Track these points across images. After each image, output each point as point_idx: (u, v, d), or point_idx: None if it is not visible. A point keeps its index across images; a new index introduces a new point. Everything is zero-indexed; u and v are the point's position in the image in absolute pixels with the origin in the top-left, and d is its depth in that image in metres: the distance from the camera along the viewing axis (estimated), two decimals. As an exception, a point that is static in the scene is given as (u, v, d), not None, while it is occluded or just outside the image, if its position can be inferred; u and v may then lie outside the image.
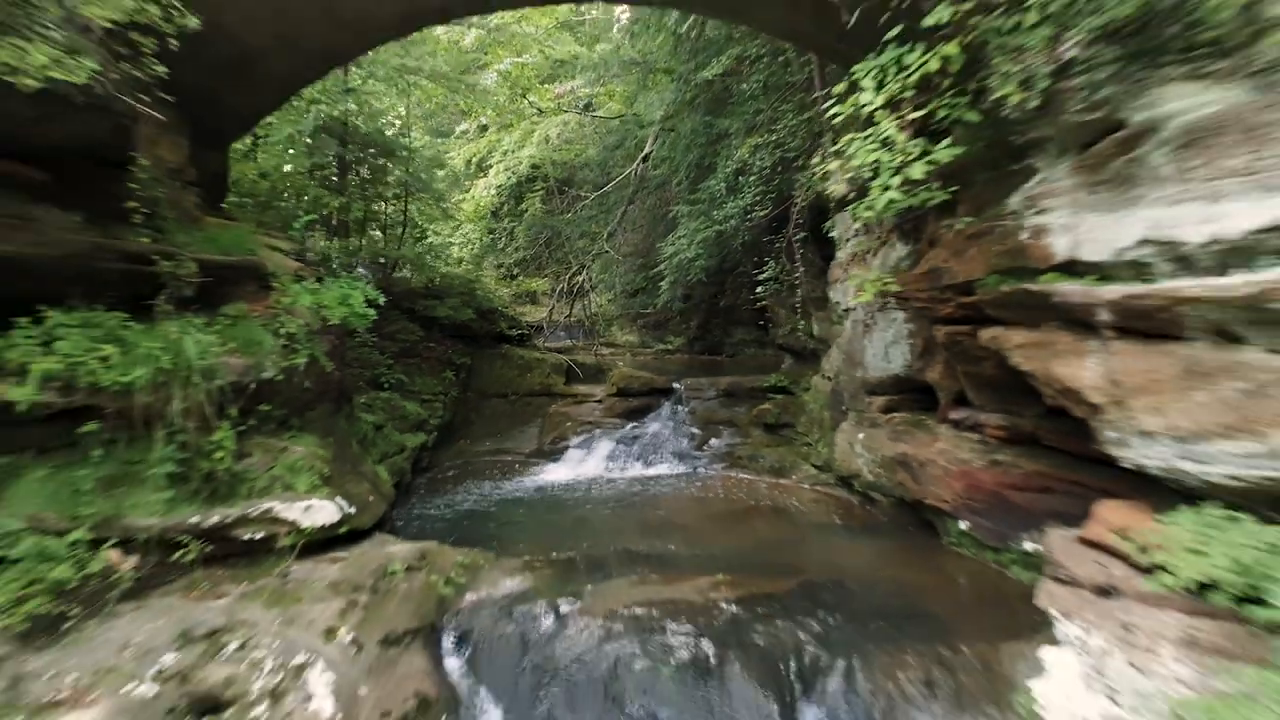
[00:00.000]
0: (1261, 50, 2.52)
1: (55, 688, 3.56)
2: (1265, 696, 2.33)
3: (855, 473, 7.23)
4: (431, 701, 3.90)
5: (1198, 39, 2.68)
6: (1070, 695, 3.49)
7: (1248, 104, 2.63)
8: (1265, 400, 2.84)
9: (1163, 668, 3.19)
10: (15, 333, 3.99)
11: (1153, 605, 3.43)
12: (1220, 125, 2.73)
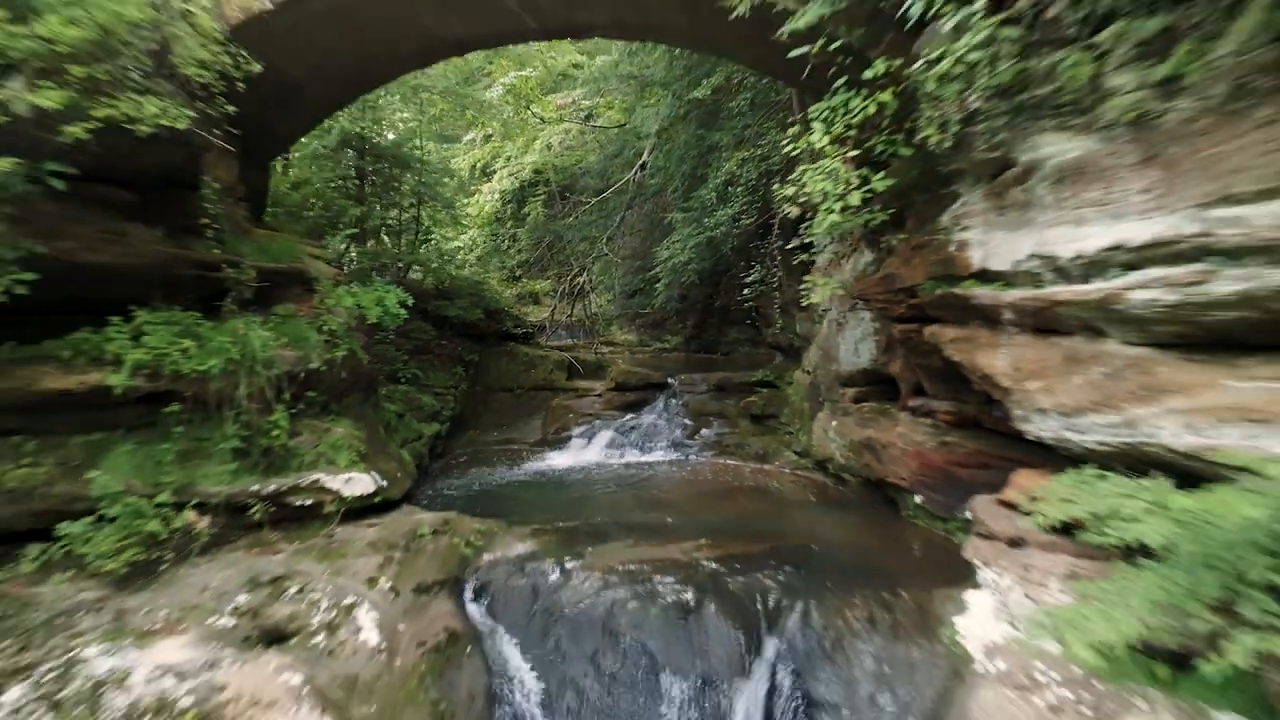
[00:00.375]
0: (1105, 111, 3.26)
1: (152, 620, 4.32)
2: (1098, 599, 3.09)
3: (829, 457, 8.00)
4: (458, 635, 4.66)
5: (1061, 100, 3.41)
6: (983, 625, 4.26)
7: (1098, 151, 3.37)
8: (1121, 381, 3.59)
9: (1050, 596, 3.96)
10: (110, 329, 4.75)
11: (1048, 550, 4.19)
12: (1081, 167, 3.47)
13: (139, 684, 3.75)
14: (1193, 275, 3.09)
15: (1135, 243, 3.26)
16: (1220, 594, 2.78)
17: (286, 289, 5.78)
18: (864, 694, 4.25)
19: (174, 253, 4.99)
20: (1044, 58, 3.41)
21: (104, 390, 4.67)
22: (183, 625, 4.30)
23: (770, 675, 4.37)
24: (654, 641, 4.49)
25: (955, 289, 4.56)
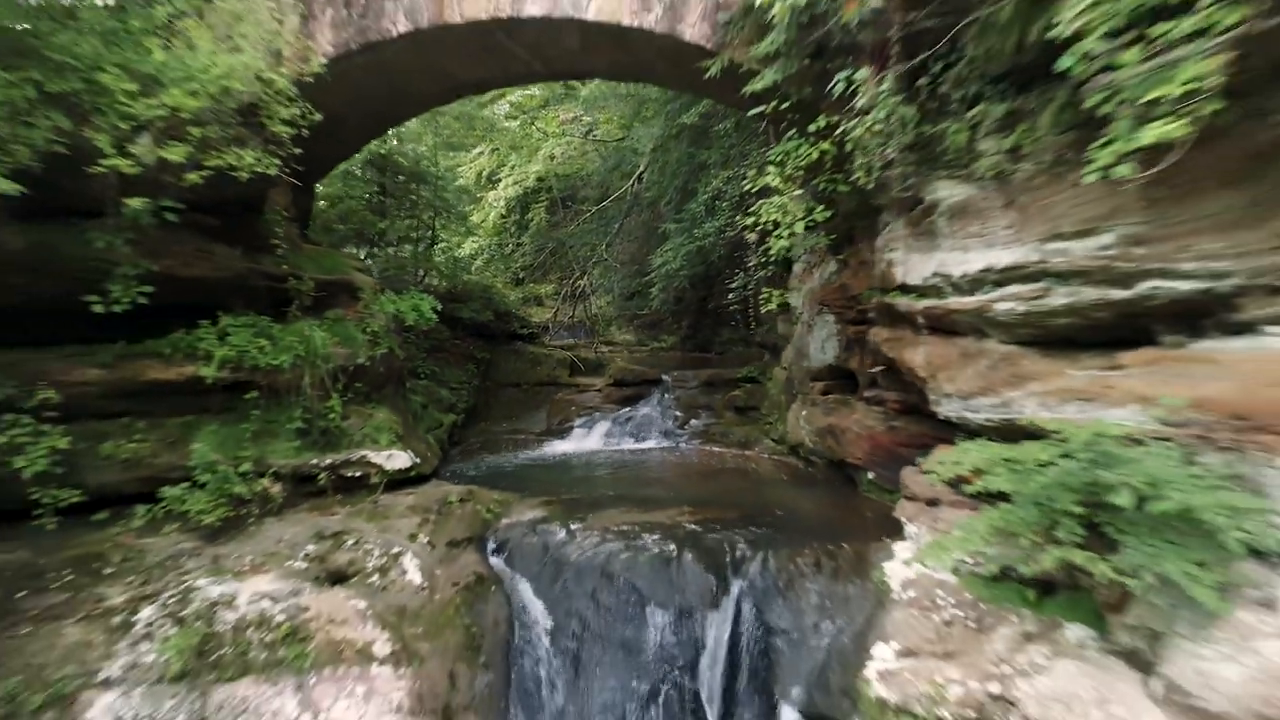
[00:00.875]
0: (977, 167, 4.30)
1: (241, 563, 5.38)
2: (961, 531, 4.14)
3: (800, 442, 9.05)
4: (484, 579, 5.72)
5: (949, 156, 4.44)
6: (902, 566, 5.30)
7: (975, 196, 4.40)
8: (998, 371, 4.63)
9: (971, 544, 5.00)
10: (201, 330, 5.81)
11: (954, 506, 5.26)
12: (965, 207, 4.51)
13: (243, 604, 4.82)
14: (1035, 292, 4.14)
15: (1000, 266, 4.31)
16: (1043, 521, 3.83)
17: (336, 296, 6.84)
18: (809, 622, 5.30)
19: (250, 267, 6.05)
20: (936, 125, 4.45)
21: (197, 380, 5.73)
22: (266, 567, 5.36)
23: (735, 608, 5.42)
24: (642, 582, 5.55)
25: (886, 299, 5.61)
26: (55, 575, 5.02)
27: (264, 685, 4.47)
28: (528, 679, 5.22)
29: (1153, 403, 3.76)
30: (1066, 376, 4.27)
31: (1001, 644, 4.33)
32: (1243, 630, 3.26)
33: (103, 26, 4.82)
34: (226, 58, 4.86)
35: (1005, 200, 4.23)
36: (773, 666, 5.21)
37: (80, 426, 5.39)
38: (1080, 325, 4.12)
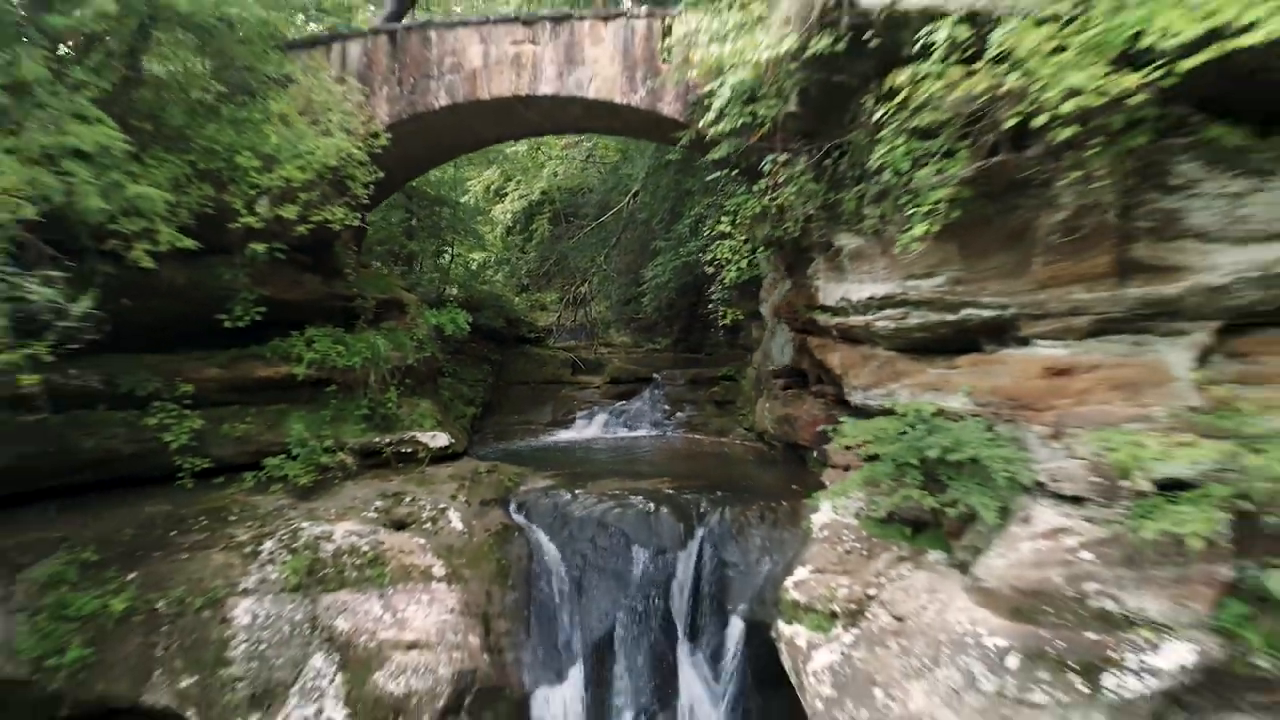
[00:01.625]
0: (863, 225, 6.01)
1: (329, 513, 7.10)
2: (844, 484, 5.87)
3: (765, 429, 10.78)
4: (509, 527, 7.44)
5: (847, 216, 6.15)
6: (824, 516, 7.02)
7: (864, 244, 6.12)
8: (884, 370, 6.35)
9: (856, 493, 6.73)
10: (293, 338, 7.54)
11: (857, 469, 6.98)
12: (859, 252, 6.22)
13: (337, 539, 6.56)
14: (901, 314, 5.87)
15: (880, 295, 6.03)
16: (896, 473, 5.56)
17: (390, 311, 8.57)
18: (753, 557, 7.03)
19: (328, 291, 7.78)
20: (838, 194, 6.18)
21: (290, 377, 7.47)
22: (348, 516, 7.09)
23: (699, 548, 7.14)
24: (629, 529, 7.27)
25: (812, 315, 7.32)
26: (195, 521, 6.76)
27: (357, 594, 6.21)
28: (543, 596, 6.95)
29: (970, 392, 5.50)
30: (925, 373, 6.01)
31: (881, 564, 6.06)
32: (1009, 538, 5.00)
33: (234, 117, 6.55)
34: (324, 140, 6.60)
35: (881, 249, 5.95)
36: (725, 589, 6.94)
37: (205, 412, 7.10)
38: (931, 338, 5.85)
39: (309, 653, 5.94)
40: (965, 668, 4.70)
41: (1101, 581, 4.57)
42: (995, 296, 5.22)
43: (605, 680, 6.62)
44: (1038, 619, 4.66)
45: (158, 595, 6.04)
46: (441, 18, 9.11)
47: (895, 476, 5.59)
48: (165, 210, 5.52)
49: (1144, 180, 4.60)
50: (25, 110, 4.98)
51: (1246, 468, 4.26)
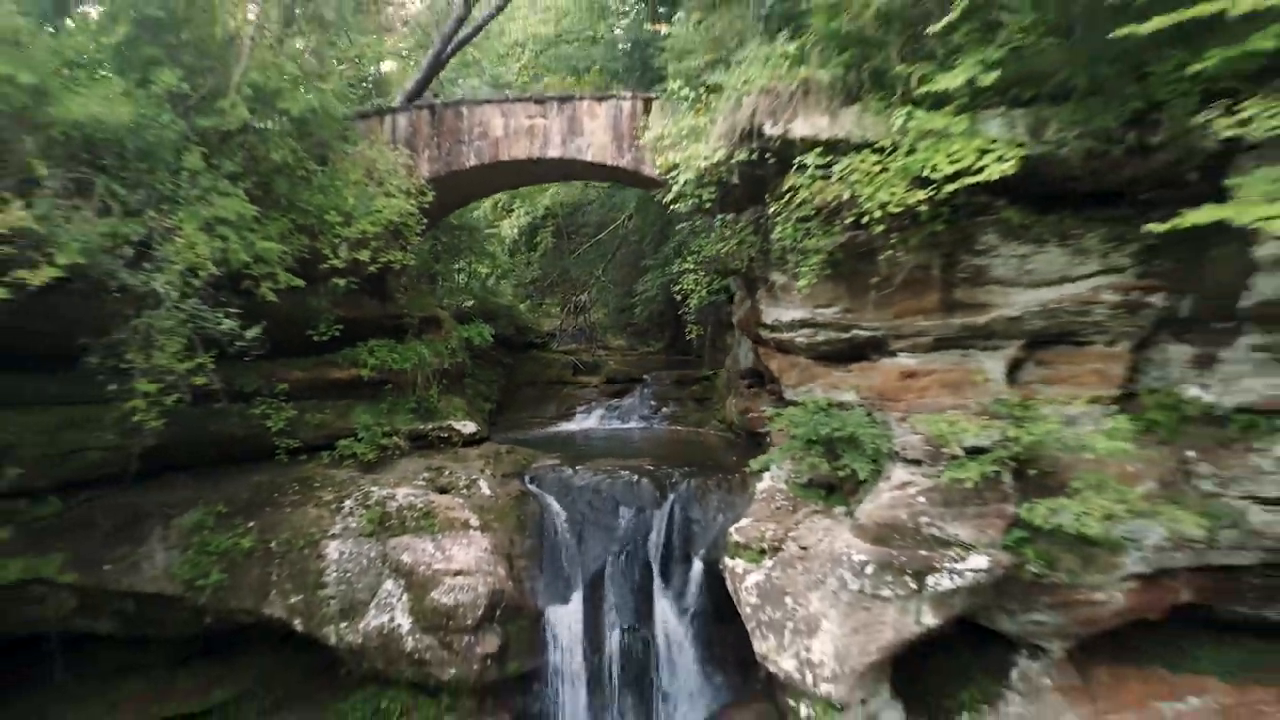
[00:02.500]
0: (788, 266, 8.10)
1: (388, 481, 9.20)
2: (775, 452, 8.00)
3: (732, 421, 12.88)
4: (525, 493, 9.55)
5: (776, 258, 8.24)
6: (765, 483, 9.11)
7: (788, 280, 8.21)
8: (806, 373, 8.46)
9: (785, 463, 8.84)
10: (360, 348, 9.66)
11: (791, 449, 9.10)
12: (786, 285, 8.30)
13: (398, 499, 8.67)
14: (811, 332, 7.99)
15: (799, 318, 8.14)
16: (804, 448, 7.67)
17: (429, 325, 10.68)
18: (711, 514, 9.14)
19: (384, 312, 9.90)
20: (768, 243, 8.28)
21: (358, 378, 9.58)
22: (403, 483, 9.19)
23: (670, 508, 9.24)
24: (617, 494, 9.38)
25: (759, 330, 9.44)
26: (290, 486, 8.87)
27: (415, 538, 8.32)
28: (551, 543, 9.07)
29: (857, 389, 7.62)
30: (830, 376, 8.13)
31: (800, 515, 8.16)
32: (876, 490, 7.12)
33: (322, 184, 8.67)
34: (389, 201, 8.72)
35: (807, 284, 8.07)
36: (690, 539, 9.06)
37: (295, 405, 9.19)
38: (832, 350, 7.97)
39: (382, 579, 8.07)
40: (840, 577, 6.82)
41: (930, 516, 6.70)
42: (871, 322, 7.35)
43: (599, 604, 8.74)
44: (889, 542, 6.78)
45: (271, 537, 8.17)
46: (470, 96, 11.24)
47: (803, 450, 7.70)
48: (279, 258, 7.63)
49: (961, 246, 6.74)
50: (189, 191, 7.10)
51: (1018, 438, 6.38)
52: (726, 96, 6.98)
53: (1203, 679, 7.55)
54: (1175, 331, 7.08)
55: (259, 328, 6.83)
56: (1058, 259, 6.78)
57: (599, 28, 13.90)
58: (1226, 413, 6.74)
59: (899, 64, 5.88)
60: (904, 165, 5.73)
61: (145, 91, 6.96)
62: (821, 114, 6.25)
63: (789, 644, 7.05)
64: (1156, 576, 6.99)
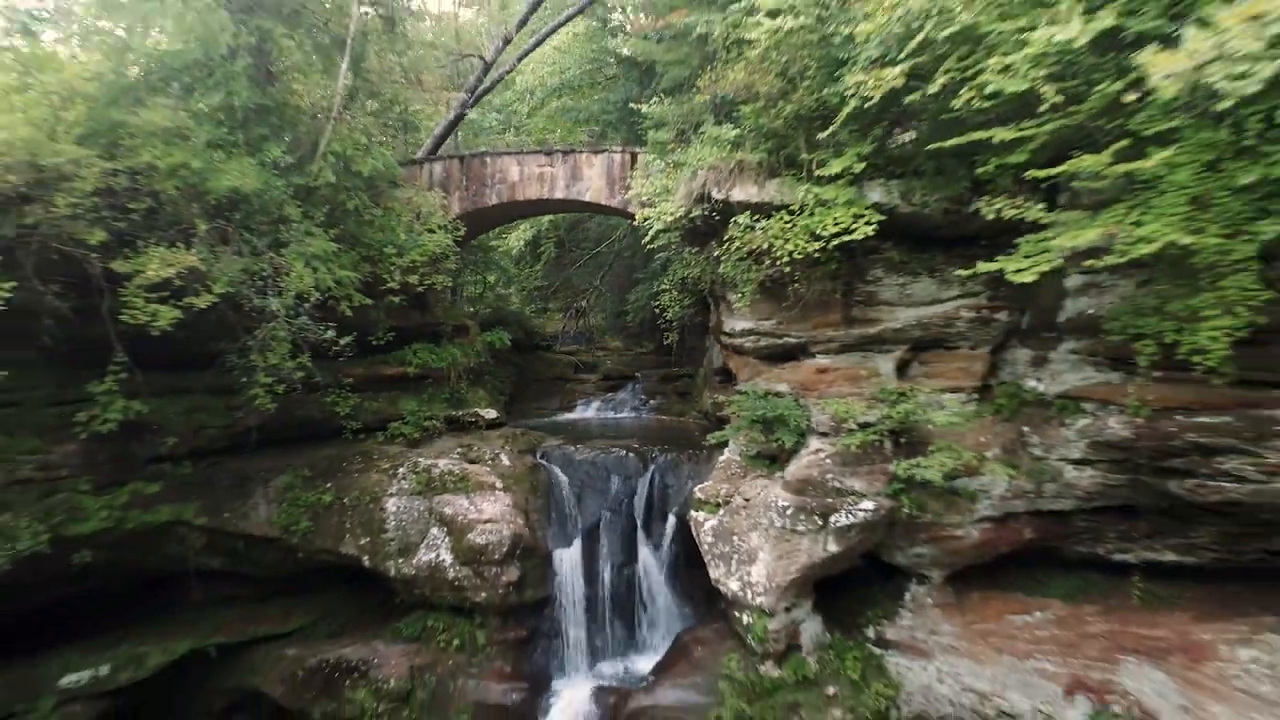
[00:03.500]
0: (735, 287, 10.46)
1: (430, 455, 11.57)
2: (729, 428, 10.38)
3: (707, 410, 15.25)
4: (537, 465, 11.93)
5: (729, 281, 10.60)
6: (725, 455, 11.47)
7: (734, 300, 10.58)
8: (753, 370, 10.81)
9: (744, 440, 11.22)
10: (406, 349, 12.05)
11: (745, 429, 11.50)
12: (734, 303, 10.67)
13: (440, 467, 11.05)
14: (755, 339, 10.35)
15: (747, 328, 10.50)
16: (748, 425, 10.04)
17: (459, 332, 13.06)
18: (682, 480, 11.51)
19: (424, 321, 12.28)
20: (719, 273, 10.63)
21: (404, 374, 11.97)
22: (442, 456, 11.55)
23: (651, 475, 11.62)
24: (609, 465, 11.76)
25: (722, 335, 11.82)
26: (355, 458, 11.23)
27: (454, 495, 10.69)
28: (558, 502, 11.45)
29: (788, 382, 10.00)
30: (770, 372, 10.51)
31: (747, 479, 10.50)
32: (799, 456, 9.49)
33: (381, 224, 11.05)
34: (433, 236, 11.10)
35: (746, 304, 10.45)
36: (666, 499, 11.44)
37: (356, 395, 11.55)
38: (770, 352, 10.35)
39: (429, 526, 10.44)
40: (771, 519, 9.20)
41: (834, 473, 9.07)
42: (796, 332, 9.75)
43: (594, 548, 11.12)
44: (805, 492, 9.15)
45: (344, 495, 10.55)
46: (492, 149, 13.63)
47: (748, 427, 10.08)
48: (353, 282, 10.01)
49: (856, 277, 9.13)
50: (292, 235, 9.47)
51: (892, 415, 8.76)
52: (687, 168, 9.38)
53: (1048, 600, 9.94)
54: (1020, 339, 9.49)
55: (350, 336, 9.18)
56: (929, 286, 9.17)
57: (592, 93, 16.26)
58: (1051, 399, 9.13)
59: (804, 152, 8.25)
60: (805, 224, 8.09)
61: (258, 161, 9.34)
62: (752, 185, 8.64)
63: (735, 570, 9.43)
64: (1004, 519, 9.37)
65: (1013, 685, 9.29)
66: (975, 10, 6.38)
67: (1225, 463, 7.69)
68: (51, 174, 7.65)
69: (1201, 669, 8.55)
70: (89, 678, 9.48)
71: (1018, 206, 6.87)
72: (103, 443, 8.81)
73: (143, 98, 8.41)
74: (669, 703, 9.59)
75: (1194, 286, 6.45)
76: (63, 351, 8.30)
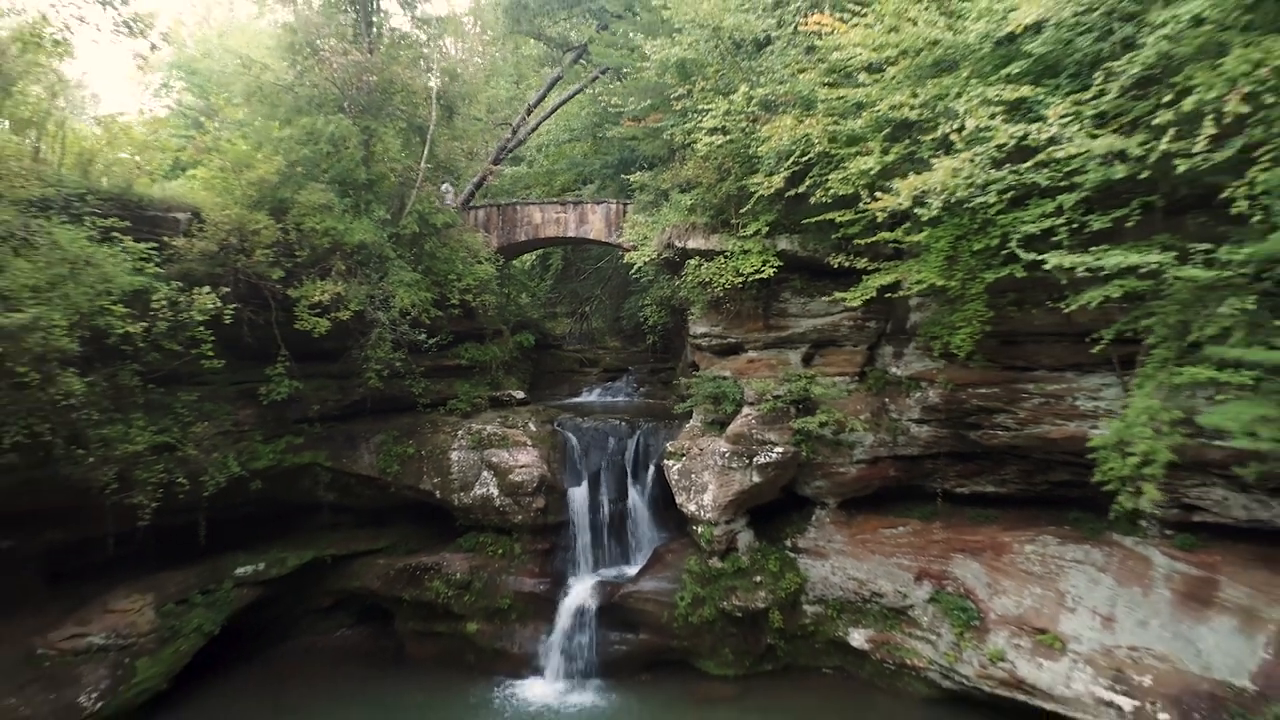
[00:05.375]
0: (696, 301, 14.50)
1: (479, 423, 15.66)
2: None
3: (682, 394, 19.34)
4: (555, 432, 16.02)
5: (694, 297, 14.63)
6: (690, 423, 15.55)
7: (698, 312, 14.63)
8: (710, 361, 14.87)
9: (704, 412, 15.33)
10: (459, 348, 16.16)
11: (704, 404, 15.64)
12: (695, 319, 14.72)
13: (487, 430, 15.18)
14: (709, 340, 14.43)
15: (704, 331, 14.55)
16: (701, 399, 14.13)
17: (497, 334, 17.13)
18: (660, 441, 15.58)
19: (472, 325, 16.37)
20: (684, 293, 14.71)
21: (459, 365, 16.07)
22: (488, 424, 15.63)
23: (637, 437, 15.71)
24: (608, 430, 15.87)
25: (688, 339, 15.86)
26: (427, 424, 15.32)
27: (498, 449, 14.78)
28: (570, 455, 15.55)
29: (730, 370, 14.11)
30: (720, 364, 14.61)
31: (704, 438, 14.58)
32: (737, 418, 13.59)
33: (442, 255, 15.16)
34: (481, 267, 15.21)
35: (700, 315, 14.52)
36: (648, 454, 15.54)
37: (426, 380, 15.61)
38: (720, 349, 14.43)
39: (481, 470, 14.54)
40: (714, 460, 13.29)
41: (756, 429, 13.17)
42: (735, 335, 13.86)
43: (597, 488, 15.22)
44: (738, 442, 13.24)
45: (422, 448, 14.66)
46: (521, 199, 17.73)
47: (702, 401, 14.17)
48: (428, 300, 14.11)
49: (773, 298, 13.25)
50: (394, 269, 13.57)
51: (794, 390, 12.87)
52: (658, 225, 13.48)
53: (909, 519, 14.03)
54: (886, 340, 13.59)
55: (433, 339, 13.28)
56: (822, 304, 13.26)
57: (594, 156, 20.34)
58: (903, 379, 13.22)
59: (733, 218, 12.34)
60: (734, 265, 12.18)
61: (369, 219, 13.44)
62: (700, 238, 12.73)
63: (692, 497, 13.52)
64: (874, 461, 13.46)
65: (881, 575, 13.41)
66: (824, 145, 10.47)
67: (996, 419, 11.81)
68: (250, 234, 11.77)
69: (1001, 559, 12.67)
70: (251, 570, 13.59)
71: (849, 259, 10.98)
72: (270, 409, 12.92)
73: (301, 183, 12.51)
74: (648, 589, 13.71)
75: (952, 309, 10.56)
76: (240, 349, 12.38)
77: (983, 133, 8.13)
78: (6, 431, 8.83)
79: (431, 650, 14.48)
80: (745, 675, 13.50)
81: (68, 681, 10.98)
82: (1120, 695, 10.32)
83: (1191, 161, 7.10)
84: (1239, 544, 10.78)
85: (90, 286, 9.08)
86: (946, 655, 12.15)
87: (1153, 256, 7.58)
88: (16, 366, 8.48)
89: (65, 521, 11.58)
